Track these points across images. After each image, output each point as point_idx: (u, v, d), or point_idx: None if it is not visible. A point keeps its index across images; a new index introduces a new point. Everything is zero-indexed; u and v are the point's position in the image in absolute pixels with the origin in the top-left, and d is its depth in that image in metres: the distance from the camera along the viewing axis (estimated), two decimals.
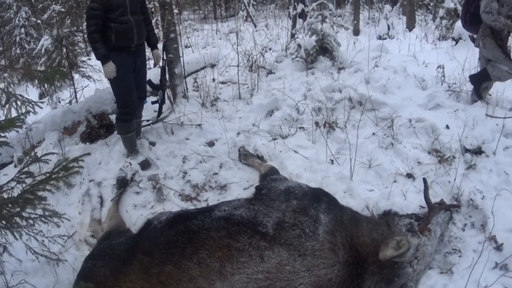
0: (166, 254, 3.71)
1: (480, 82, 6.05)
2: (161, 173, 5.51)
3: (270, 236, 3.75)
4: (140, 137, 5.95)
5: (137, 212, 5.08)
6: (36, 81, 6.22)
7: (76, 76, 8.11)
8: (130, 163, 5.54)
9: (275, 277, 3.59)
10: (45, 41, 7.71)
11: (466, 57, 6.96)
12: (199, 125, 6.03)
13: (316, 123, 6.02)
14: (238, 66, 7.36)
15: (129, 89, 5.29)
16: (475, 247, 4.31)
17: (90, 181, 5.45)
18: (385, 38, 11.90)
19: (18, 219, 3.50)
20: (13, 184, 3.53)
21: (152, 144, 5.95)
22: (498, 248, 4.29)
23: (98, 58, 5.15)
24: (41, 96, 9.03)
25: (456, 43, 10.69)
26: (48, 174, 3.46)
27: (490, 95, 6.65)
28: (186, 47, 9.90)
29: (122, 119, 5.41)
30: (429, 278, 4.16)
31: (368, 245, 4.00)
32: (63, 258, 4.37)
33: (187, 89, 6.87)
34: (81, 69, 7.72)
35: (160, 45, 5.90)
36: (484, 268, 4.02)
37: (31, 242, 4.01)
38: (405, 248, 3.81)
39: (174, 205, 5.03)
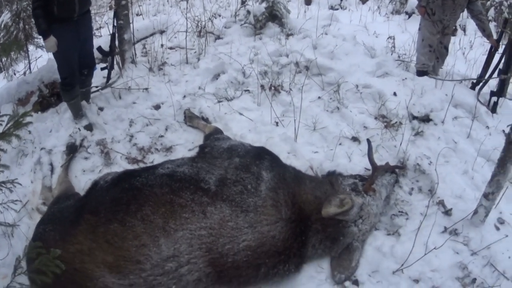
0: (111, 212, 3.73)
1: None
2: (108, 138, 5.51)
3: (212, 192, 3.81)
4: (90, 103, 5.92)
5: (86, 177, 5.08)
6: None
7: (31, 48, 7.99)
8: (79, 128, 5.55)
9: (218, 233, 3.66)
10: (5, 17, 7.58)
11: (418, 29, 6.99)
12: (146, 89, 6.03)
13: (262, 86, 6.04)
14: (186, 31, 7.32)
15: (70, 60, 5.25)
16: (422, 211, 4.43)
17: (41, 149, 5.42)
18: (337, 9, 11.89)
19: None
20: None
21: (101, 109, 5.91)
22: (447, 213, 4.45)
23: (39, 33, 5.16)
24: None
25: (409, 17, 10.76)
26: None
27: (441, 68, 6.81)
28: (137, 15, 9.77)
29: (64, 88, 5.39)
30: (375, 239, 4.27)
31: (311, 203, 4.08)
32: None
33: (135, 54, 6.84)
34: (36, 40, 7.60)
35: (111, 12, 5.83)
36: (431, 231, 4.15)
37: None
38: (349, 206, 3.92)
39: (121, 168, 5.02)
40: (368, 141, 4.80)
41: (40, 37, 5.48)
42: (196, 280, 3.63)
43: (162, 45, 7.32)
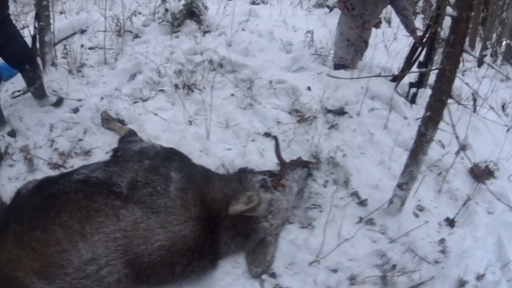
0: (34, 220, 3.81)
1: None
2: (31, 143, 5.49)
3: (124, 196, 3.92)
4: (48, 96, 5.93)
5: (11, 185, 5.05)
6: None
7: None
8: (3, 135, 5.55)
9: (132, 235, 3.79)
10: None
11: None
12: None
13: (176, 85, 6.09)
14: (105, 31, 7.30)
15: None
16: (336, 203, 4.54)
17: None
18: (259, 3, 11.83)
19: None
20: None
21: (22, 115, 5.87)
22: (362, 203, 4.64)
23: None
24: None
25: (330, 10, 10.82)
26: None
27: (361, 60, 6.97)
28: (60, 13, 9.60)
29: None
30: (289, 233, 4.41)
31: (220, 201, 4.21)
32: None
33: (56, 56, 6.81)
34: None
35: (33, 13, 5.73)
36: (343, 222, 4.31)
37: None
38: (255, 203, 4.08)
39: (44, 174, 4.99)
40: (275, 137, 4.96)
41: None
42: (117, 281, 3.76)
43: (82, 46, 7.31)
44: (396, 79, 6.32)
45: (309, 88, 6.01)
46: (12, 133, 5.67)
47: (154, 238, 3.86)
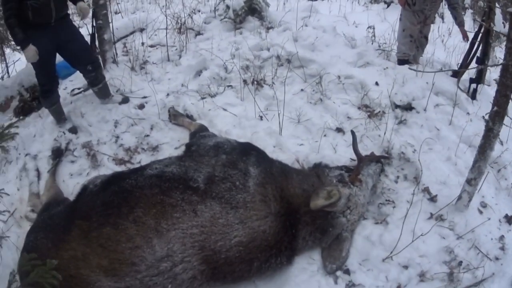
0: (103, 216, 3.73)
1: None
2: (94, 140, 5.49)
3: (201, 191, 3.83)
4: (112, 95, 5.94)
5: (73, 181, 5.06)
6: None
7: (8, 51, 7.92)
8: (63, 132, 5.54)
9: (210, 230, 3.69)
10: None
11: (397, 18, 6.93)
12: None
13: (244, 81, 6.05)
14: (166, 28, 7.30)
15: (47, 67, 5.17)
16: (408, 199, 4.47)
17: (26, 155, 5.40)
18: (316, 0, 11.90)
19: None
20: None
21: (84, 111, 5.86)
22: (432, 199, 4.52)
23: (17, 43, 5.03)
24: None
25: (388, 6, 10.69)
26: None
27: (422, 56, 6.83)
28: (116, 13, 9.69)
29: (43, 95, 5.36)
30: (364, 229, 4.35)
31: (299, 196, 4.11)
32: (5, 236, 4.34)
33: (116, 54, 6.81)
34: (12, 42, 7.49)
35: (90, 12, 5.78)
36: (418, 218, 4.20)
37: None
38: (336, 198, 3.95)
39: (109, 170, 4.99)
40: (352, 132, 4.81)
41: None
42: (191, 278, 3.66)
43: (142, 44, 7.29)
44: (457, 75, 6.24)
45: (377, 83, 5.91)
46: (73, 130, 5.65)
47: (233, 234, 3.76)
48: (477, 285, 3.94)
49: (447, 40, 8.77)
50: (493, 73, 7.36)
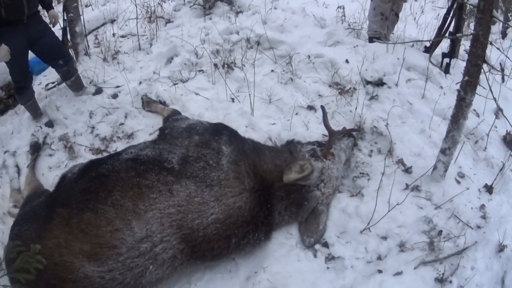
0: (82, 201, 3.77)
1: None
2: (70, 132, 5.53)
3: (176, 171, 3.89)
4: (86, 87, 5.97)
5: (53, 174, 5.11)
6: None
7: None
8: (40, 126, 5.58)
9: (186, 209, 3.75)
10: None
11: None
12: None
13: (215, 65, 6.08)
14: (137, 18, 7.36)
15: (21, 64, 5.18)
16: (383, 171, 4.53)
17: (5, 152, 5.43)
18: None
19: None
20: None
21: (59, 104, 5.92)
22: (407, 170, 4.63)
23: None
24: None
25: None
26: None
27: (393, 33, 6.90)
28: (86, 6, 9.59)
29: (18, 92, 5.38)
30: (340, 201, 4.45)
31: (273, 172, 4.19)
32: None
33: (88, 46, 6.82)
34: None
35: (60, 6, 5.75)
36: (392, 189, 4.31)
37: None
38: (309, 171, 4.03)
39: (86, 160, 4.84)
40: (322, 107, 4.86)
41: None
42: (172, 257, 3.73)
43: (114, 34, 7.29)
44: (429, 50, 6.31)
45: (347, 61, 5.93)
46: (50, 124, 5.70)
47: (209, 211, 3.82)
48: (460, 253, 4.02)
49: (419, 18, 8.83)
50: (466, 47, 7.35)
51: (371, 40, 6.59)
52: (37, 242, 3.60)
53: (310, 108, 5.44)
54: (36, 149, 5.37)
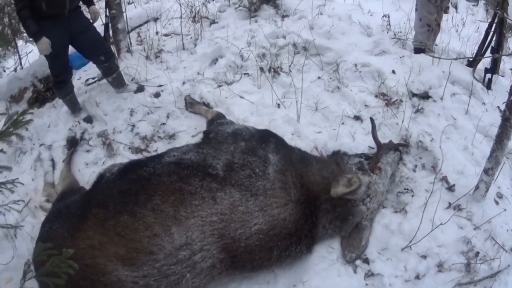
0: (120, 204, 3.70)
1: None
2: (109, 129, 5.48)
3: (220, 178, 3.79)
4: (127, 84, 5.93)
5: (89, 170, 5.07)
6: None
7: (20, 43, 7.92)
8: (78, 121, 5.52)
9: (229, 218, 3.66)
10: None
11: (412, 7, 6.93)
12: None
13: (261, 69, 6.02)
14: (181, 17, 7.28)
15: (61, 58, 5.15)
16: (426, 187, 4.47)
17: (41, 145, 5.39)
18: None
19: None
20: None
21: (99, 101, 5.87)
22: (450, 188, 4.51)
23: (29, 36, 4.97)
24: None
25: None
26: None
27: (436, 45, 6.77)
28: (128, 3, 9.61)
29: (57, 86, 5.34)
30: (383, 217, 4.34)
31: (319, 183, 4.08)
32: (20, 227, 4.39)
33: (131, 43, 6.78)
34: (24, 34, 7.49)
35: (102, 3, 5.74)
36: (437, 207, 4.17)
37: None
38: (356, 185, 3.91)
39: (125, 158, 4.96)
40: (372, 119, 4.76)
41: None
42: (210, 266, 3.64)
43: (157, 33, 7.25)
44: (472, 64, 6.20)
45: (393, 72, 5.83)
46: (88, 119, 5.65)
47: (253, 221, 3.72)
48: (493, 277, 3.95)
49: (461, 30, 8.68)
50: (507, 64, 7.33)
51: (416, 50, 6.50)
52: (69, 242, 3.59)
53: (357, 118, 5.34)
54: (73, 144, 5.32)
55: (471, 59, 6.22)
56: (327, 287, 3.92)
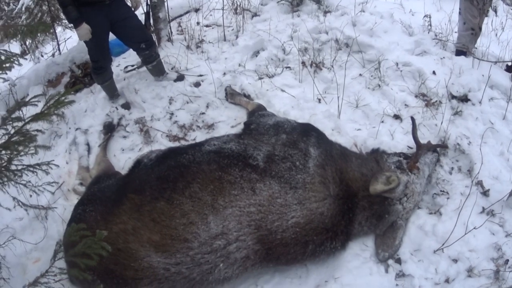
0: (158, 190, 3.71)
1: None
2: (147, 116, 5.50)
3: (261, 169, 3.78)
4: (167, 73, 5.94)
5: (125, 156, 5.10)
6: (19, 36, 6.11)
7: (59, 29, 7.98)
8: (116, 107, 5.55)
9: (267, 210, 3.64)
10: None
11: (453, 8, 6.94)
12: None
13: (303, 63, 6.00)
14: (222, 9, 7.31)
15: (101, 44, 5.16)
16: (462, 191, 4.45)
17: (77, 129, 5.42)
18: None
19: (5, 172, 3.44)
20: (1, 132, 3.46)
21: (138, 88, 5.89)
22: (485, 193, 4.43)
23: (69, 22, 4.99)
24: (23, 54, 8.87)
25: None
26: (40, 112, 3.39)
27: (476, 48, 6.68)
28: None
29: (96, 72, 5.36)
30: (418, 218, 4.31)
31: (358, 180, 4.06)
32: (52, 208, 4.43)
33: (171, 33, 6.80)
34: (64, 21, 7.57)
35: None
36: (471, 211, 4.14)
37: (19, 195, 3.97)
38: (395, 184, 3.89)
39: (162, 146, 4.99)
40: (412, 119, 4.73)
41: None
42: (244, 257, 3.63)
43: (198, 23, 7.27)
44: (511, 69, 6.10)
45: (434, 73, 5.81)
46: (126, 105, 5.67)
47: (290, 214, 3.70)
48: None
49: (500, 34, 8.54)
50: None
51: (458, 53, 6.43)
52: (102, 225, 3.62)
53: (396, 117, 5.31)
54: (110, 129, 5.34)
55: (509, 64, 6.16)
56: (359, 285, 3.92)
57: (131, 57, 6.37)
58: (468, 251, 4.05)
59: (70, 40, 7.99)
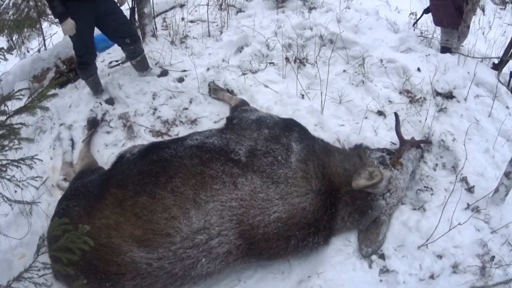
0: (140, 185, 3.70)
1: None
2: (131, 111, 5.48)
3: (242, 164, 3.78)
4: (151, 68, 5.91)
5: (108, 151, 5.08)
6: (6, 31, 6.07)
7: (45, 24, 7.95)
8: (100, 103, 5.53)
9: (249, 204, 3.64)
10: None
11: None
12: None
13: (287, 59, 6.01)
14: (207, 4, 7.28)
15: (86, 39, 5.13)
16: (446, 187, 4.46)
17: (61, 125, 5.41)
18: None
19: None
20: None
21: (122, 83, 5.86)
22: (470, 190, 4.46)
23: (55, 16, 4.96)
24: (9, 49, 8.83)
25: None
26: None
27: (462, 46, 6.71)
28: None
29: (80, 67, 5.33)
30: (402, 214, 4.32)
31: (341, 175, 4.07)
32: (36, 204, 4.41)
33: (156, 28, 6.78)
34: (50, 16, 7.54)
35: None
36: (456, 207, 4.16)
37: (4, 191, 3.99)
38: (378, 179, 3.92)
39: (145, 141, 5.00)
40: (396, 114, 4.77)
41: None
42: (226, 252, 3.63)
43: (182, 19, 7.23)
44: (497, 67, 6.19)
45: (419, 69, 5.82)
46: (110, 101, 5.65)
47: (272, 209, 3.70)
48: (507, 283, 3.88)
49: (487, 33, 8.69)
50: None
51: (443, 50, 6.43)
52: (85, 220, 3.61)
53: (380, 113, 5.32)
54: (93, 124, 5.33)
55: (496, 62, 6.21)
56: (342, 281, 3.91)
57: (115, 52, 6.34)
58: (453, 247, 4.07)
59: (56, 35, 7.96)
